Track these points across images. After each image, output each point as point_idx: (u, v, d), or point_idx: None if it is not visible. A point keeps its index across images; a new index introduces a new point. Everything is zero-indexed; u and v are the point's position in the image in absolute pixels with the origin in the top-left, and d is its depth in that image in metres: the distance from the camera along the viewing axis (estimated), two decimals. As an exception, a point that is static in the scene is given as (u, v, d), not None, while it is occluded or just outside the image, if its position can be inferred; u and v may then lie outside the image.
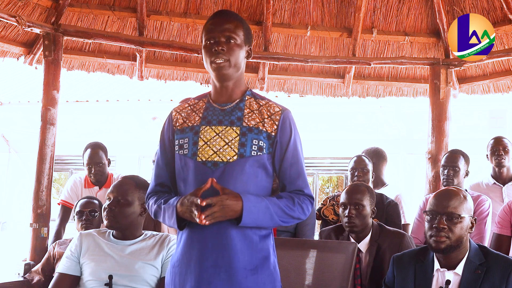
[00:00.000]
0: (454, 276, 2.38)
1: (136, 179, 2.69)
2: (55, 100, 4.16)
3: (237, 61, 1.96)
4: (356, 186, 3.09)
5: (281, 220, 1.93)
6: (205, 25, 2.00)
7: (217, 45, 1.93)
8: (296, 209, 1.94)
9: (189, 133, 1.99)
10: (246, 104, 2.00)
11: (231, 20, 1.98)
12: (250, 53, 2.04)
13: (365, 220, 2.97)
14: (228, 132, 1.95)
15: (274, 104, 2.01)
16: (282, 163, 1.97)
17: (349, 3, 4.88)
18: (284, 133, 1.97)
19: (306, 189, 1.99)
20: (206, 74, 5.13)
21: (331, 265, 2.79)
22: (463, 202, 2.39)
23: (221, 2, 4.82)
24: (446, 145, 4.58)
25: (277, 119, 1.97)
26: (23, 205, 10.50)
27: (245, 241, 1.90)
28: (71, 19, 4.56)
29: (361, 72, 5.16)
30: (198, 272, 1.90)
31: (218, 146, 1.93)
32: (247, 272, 1.89)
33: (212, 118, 1.99)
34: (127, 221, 2.57)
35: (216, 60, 1.93)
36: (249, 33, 2.03)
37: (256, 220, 1.88)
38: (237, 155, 1.92)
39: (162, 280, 2.54)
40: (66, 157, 9.60)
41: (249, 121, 1.96)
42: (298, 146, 2.00)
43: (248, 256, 1.90)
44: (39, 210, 4.03)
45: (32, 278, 3.36)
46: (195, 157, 1.94)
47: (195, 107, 2.05)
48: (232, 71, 1.96)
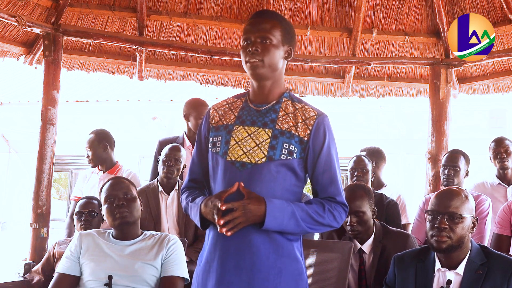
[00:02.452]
0: (455, 276, 2.37)
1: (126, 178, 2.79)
2: (55, 100, 4.16)
3: (272, 61, 1.93)
4: (353, 192, 3.01)
5: (309, 226, 1.89)
6: (244, 26, 1.99)
7: (252, 45, 1.92)
8: (326, 216, 1.90)
9: (223, 132, 1.98)
10: (282, 106, 1.98)
11: (267, 20, 1.96)
12: (290, 53, 2.00)
13: (368, 224, 2.97)
14: (260, 134, 1.93)
15: (310, 108, 1.98)
16: (314, 169, 1.94)
17: (349, 3, 4.88)
18: (317, 139, 1.93)
19: (338, 196, 1.94)
20: (206, 74, 5.14)
21: (328, 264, 2.79)
22: (465, 202, 2.39)
23: (221, 2, 4.82)
24: (446, 145, 4.58)
25: (311, 124, 1.94)
26: (23, 205, 10.51)
27: (270, 244, 1.88)
28: (71, 19, 4.56)
29: (361, 72, 5.16)
30: (220, 272, 1.89)
31: (248, 147, 1.92)
32: (269, 276, 1.87)
33: (247, 118, 1.97)
34: (137, 215, 2.65)
35: (250, 59, 1.92)
36: (288, 32, 1.99)
37: (280, 225, 1.84)
38: (266, 157, 1.89)
39: (162, 280, 2.55)
40: (66, 157, 9.62)
41: (283, 124, 1.94)
42: (332, 152, 1.96)
43: (272, 260, 1.88)
44: (39, 210, 4.02)
45: (32, 278, 3.36)
46: (225, 156, 1.93)
47: (232, 106, 2.04)
48: (267, 71, 1.94)
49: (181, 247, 2.64)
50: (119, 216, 2.58)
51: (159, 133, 9.53)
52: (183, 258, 2.62)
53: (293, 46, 2.02)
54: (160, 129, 10.39)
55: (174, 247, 2.59)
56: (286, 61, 2.01)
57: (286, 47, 1.98)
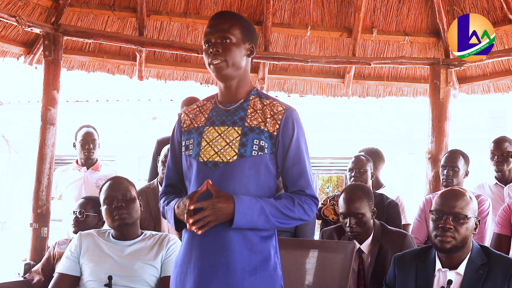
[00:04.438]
0: (456, 276, 2.37)
1: (125, 178, 2.77)
2: (55, 100, 4.16)
3: (235, 60, 1.94)
4: (351, 193, 3.00)
5: (279, 221, 1.90)
6: (204, 29, 2.00)
7: (213, 46, 1.93)
8: (296, 210, 1.91)
9: (195, 134, 2.00)
10: (250, 104, 1.99)
11: (225, 21, 1.97)
12: (252, 50, 2.01)
13: (367, 225, 2.96)
14: (230, 132, 1.95)
15: (278, 103, 1.99)
16: (284, 163, 1.95)
17: (349, 3, 4.88)
18: (286, 133, 1.94)
19: (308, 189, 1.95)
20: (206, 74, 5.13)
21: (330, 264, 2.79)
22: (469, 203, 2.40)
23: (221, 2, 4.82)
24: (446, 145, 4.57)
25: (279, 118, 1.95)
26: (23, 205, 10.50)
27: (244, 242, 1.89)
28: (71, 19, 4.56)
29: (361, 72, 5.16)
30: (197, 272, 1.90)
31: (219, 146, 1.93)
32: (245, 273, 1.88)
33: (216, 119, 1.99)
34: (136, 216, 2.64)
35: (213, 61, 1.93)
36: (248, 30, 2.00)
37: (250, 222, 1.85)
38: (237, 155, 1.91)
39: (162, 280, 2.54)
40: (66, 157, 9.58)
41: (251, 121, 1.95)
42: (301, 145, 1.96)
43: (247, 257, 1.89)
44: (39, 210, 4.02)
45: (32, 278, 3.35)
46: (198, 157, 1.95)
47: (202, 108, 2.06)
48: (231, 71, 1.95)
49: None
50: (118, 218, 2.58)
51: (159, 133, 9.53)
52: (183, 258, 2.62)
53: (255, 43, 2.02)
54: (160, 129, 10.38)
55: (174, 247, 2.59)
56: (250, 59, 2.01)
57: (247, 45, 1.98)
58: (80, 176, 4.26)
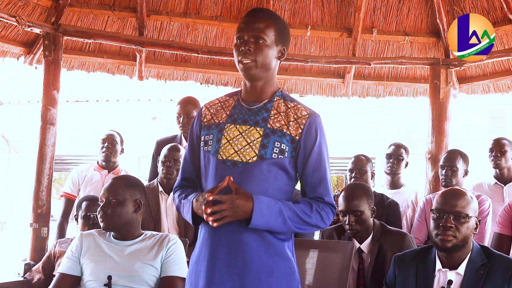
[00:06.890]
0: (456, 276, 2.38)
1: (126, 178, 2.72)
2: (55, 100, 4.16)
3: (265, 61, 1.91)
4: (351, 191, 3.02)
5: (296, 226, 1.87)
6: (238, 24, 1.97)
7: (245, 44, 1.90)
8: (313, 216, 1.89)
9: (215, 130, 1.98)
10: (274, 105, 1.96)
11: (262, 20, 1.93)
12: (283, 53, 1.98)
13: (366, 224, 2.97)
14: (251, 132, 1.92)
15: (302, 108, 1.97)
16: (304, 168, 1.92)
17: (349, 3, 4.88)
18: (309, 138, 1.92)
19: (326, 196, 1.92)
20: (206, 74, 5.14)
21: (330, 264, 2.79)
22: (470, 202, 2.40)
23: (221, 2, 4.82)
24: (446, 145, 4.58)
25: (303, 123, 1.92)
26: (23, 205, 10.49)
27: (262, 242, 1.87)
28: (71, 19, 4.56)
29: (361, 72, 5.16)
30: (211, 271, 1.88)
31: (239, 145, 1.91)
32: (261, 275, 1.86)
33: (238, 117, 1.96)
34: (121, 221, 2.57)
35: (243, 60, 1.90)
36: (282, 32, 1.97)
37: (267, 223, 1.83)
38: (257, 156, 1.88)
39: (162, 280, 2.55)
40: (66, 157, 9.60)
41: (274, 123, 1.93)
42: (323, 152, 1.94)
43: (264, 259, 1.87)
44: (39, 210, 4.03)
45: (33, 277, 3.36)
46: (217, 154, 1.92)
47: (224, 104, 2.03)
48: (260, 71, 1.92)
49: (181, 247, 2.63)
50: (102, 222, 2.57)
51: (159, 133, 9.53)
52: (183, 258, 2.62)
53: (287, 46, 2.00)
54: (160, 129, 10.38)
55: (174, 247, 2.59)
56: (279, 61, 1.99)
57: (279, 47, 1.96)
58: (100, 178, 4.20)
